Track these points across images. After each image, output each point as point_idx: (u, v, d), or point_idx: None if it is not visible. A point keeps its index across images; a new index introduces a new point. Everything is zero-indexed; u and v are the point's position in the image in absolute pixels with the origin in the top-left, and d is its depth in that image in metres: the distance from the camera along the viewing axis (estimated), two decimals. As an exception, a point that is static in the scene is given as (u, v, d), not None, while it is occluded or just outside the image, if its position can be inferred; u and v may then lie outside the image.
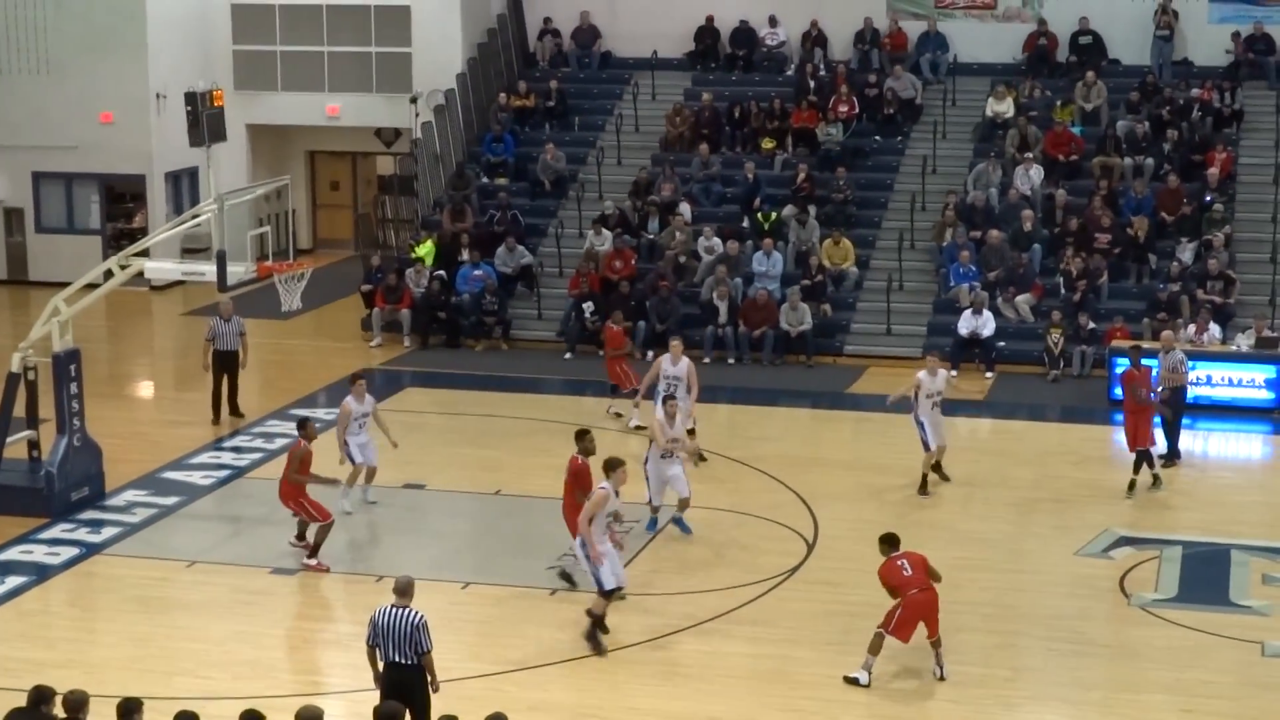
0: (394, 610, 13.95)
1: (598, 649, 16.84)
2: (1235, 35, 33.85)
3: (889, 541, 16.65)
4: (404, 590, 14.14)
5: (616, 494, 17.04)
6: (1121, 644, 17.33)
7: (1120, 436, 22.79)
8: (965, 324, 28.37)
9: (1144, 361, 22.97)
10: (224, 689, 15.86)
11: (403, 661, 13.85)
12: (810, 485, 22.04)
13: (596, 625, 16.97)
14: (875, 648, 16.23)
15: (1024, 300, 29.31)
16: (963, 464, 23.56)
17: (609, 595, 16.99)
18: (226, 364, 25.16)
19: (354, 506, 20.87)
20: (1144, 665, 16.84)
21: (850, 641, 17.18)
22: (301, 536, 19.56)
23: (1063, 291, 29.22)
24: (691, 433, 21.93)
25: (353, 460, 20.92)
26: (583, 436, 18.57)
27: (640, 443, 22.01)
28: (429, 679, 13.93)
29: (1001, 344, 28.54)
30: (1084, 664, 16.86)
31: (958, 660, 16.69)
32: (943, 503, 21.79)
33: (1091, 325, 28.03)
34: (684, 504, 20.16)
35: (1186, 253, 29.72)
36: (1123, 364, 26.35)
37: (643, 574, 19.00)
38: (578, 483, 18.12)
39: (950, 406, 26.45)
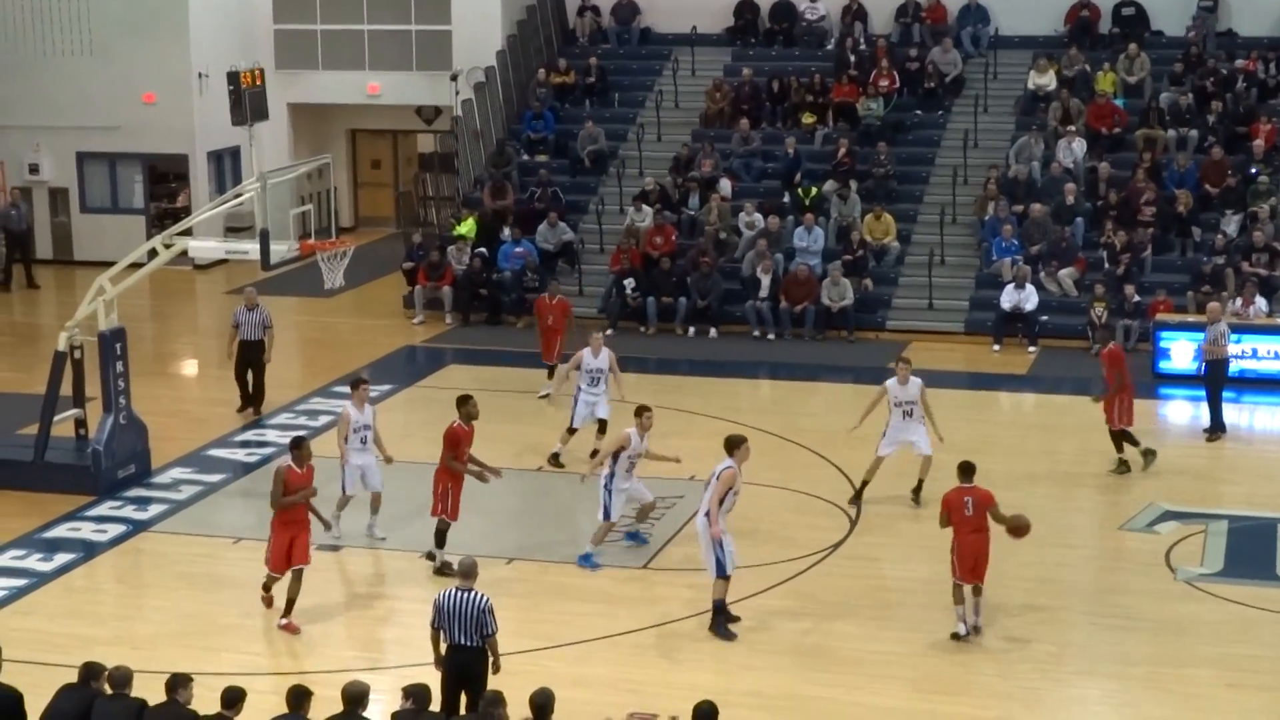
0: (459, 593, 13.90)
1: (728, 635, 16.70)
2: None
3: (966, 470, 16.85)
4: (468, 572, 14.09)
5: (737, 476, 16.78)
6: (1167, 618, 17.26)
7: (1164, 410, 22.69)
8: (1008, 298, 28.28)
9: (1189, 335, 22.89)
10: (270, 664, 15.98)
11: (466, 644, 13.83)
12: (853, 460, 21.98)
13: (721, 613, 16.81)
14: (958, 598, 16.52)
15: (1067, 274, 29.19)
16: (1007, 439, 23.55)
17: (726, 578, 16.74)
18: (250, 354, 24.46)
19: (339, 538, 19.22)
20: (1189, 640, 16.78)
21: (892, 616, 17.21)
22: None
23: (1106, 265, 29.08)
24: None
25: (345, 488, 19.18)
26: (464, 402, 18.45)
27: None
28: (491, 660, 13.93)
29: (1044, 318, 28.44)
30: (1129, 638, 16.83)
31: (1002, 634, 16.70)
32: (987, 478, 21.67)
33: (1135, 299, 27.89)
34: (646, 510, 19.33)
35: (1231, 225, 29.52)
36: (1168, 337, 26.33)
37: (682, 550, 19.01)
38: (452, 448, 18.13)
39: (994, 381, 26.56)
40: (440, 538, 18.42)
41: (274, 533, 17.02)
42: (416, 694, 12.62)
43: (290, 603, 16.92)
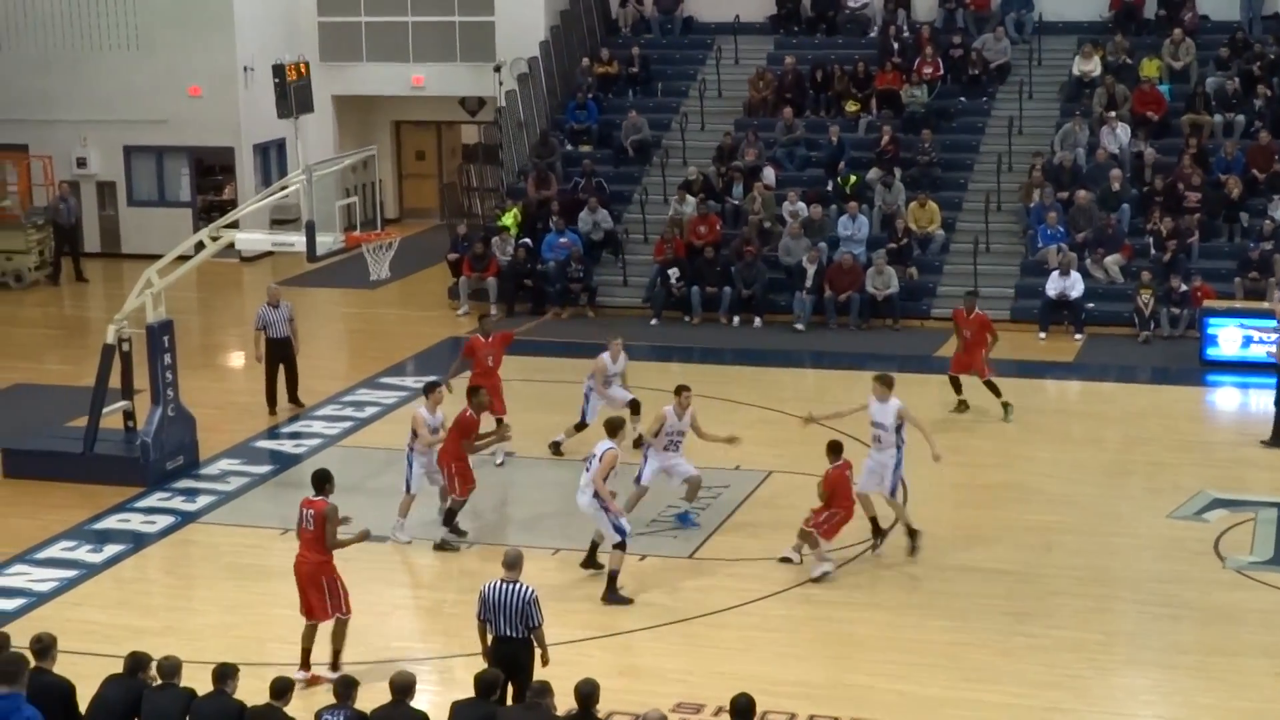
0: (504, 585, 13.91)
1: (625, 601, 17.37)
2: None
3: (834, 450, 17.85)
4: (513, 564, 14.09)
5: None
6: (1216, 607, 17.18)
7: (1212, 397, 22.55)
8: (1053, 285, 28.17)
9: (1236, 321, 22.69)
10: (316, 655, 16.03)
11: (512, 635, 13.86)
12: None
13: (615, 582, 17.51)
14: (813, 543, 17.70)
15: (1113, 261, 29.05)
16: (1053, 426, 23.49)
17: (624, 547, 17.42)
18: (281, 352, 24.34)
19: (410, 536, 19.25)
20: (1239, 629, 16.70)
21: (937, 605, 17.18)
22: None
23: (1152, 252, 28.94)
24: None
25: (410, 488, 19.23)
26: (475, 393, 19.33)
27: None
28: (539, 652, 13.96)
29: (1090, 305, 28.32)
30: (1178, 628, 16.76)
31: (1050, 624, 16.66)
32: (1033, 466, 21.67)
33: (1183, 287, 27.73)
34: (695, 488, 19.49)
35: (1279, 210, 29.33)
36: (1216, 324, 26.18)
37: (729, 540, 19.05)
38: (465, 434, 18.86)
39: (1040, 369, 26.46)
40: (450, 516, 18.99)
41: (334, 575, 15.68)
42: (486, 681, 12.63)
43: (336, 653, 15.83)
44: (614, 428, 17.81)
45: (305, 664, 15.53)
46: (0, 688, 11.63)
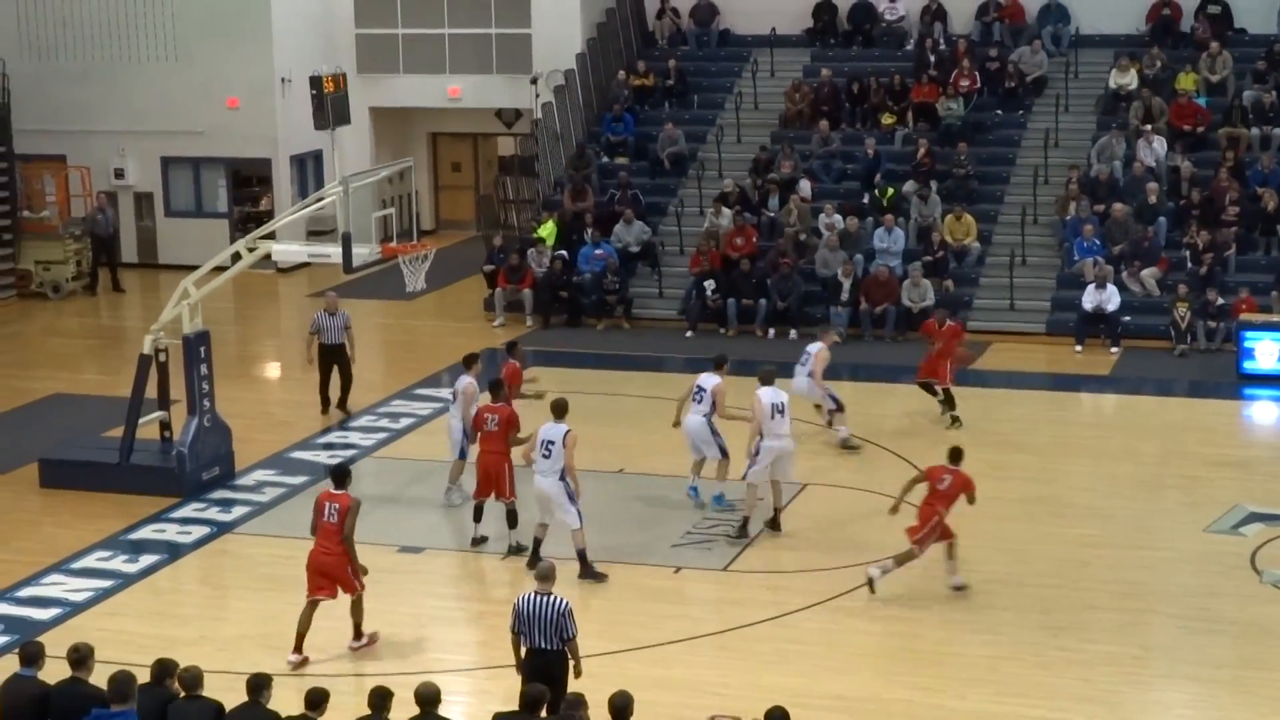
0: (538, 597, 13.89)
1: (600, 577, 18.03)
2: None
3: (954, 455, 17.85)
4: (546, 576, 14.10)
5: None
6: (1253, 621, 17.08)
7: (1250, 410, 22.44)
8: (1090, 299, 28.07)
9: (1274, 335, 22.61)
10: (351, 666, 16.07)
11: (546, 647, 13.85)
12: (934, 462, 21.87)
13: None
14: (903, 560, 17.51)
15: (1149, 274, 28.94)
16: (1089, 440, 23.38)
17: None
18: (334, 357, 24.63)
19: (463, 498, 20.32)
20: (1276, 643, 16.58)
21: (974, 619, 17.12)
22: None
23: (1189, 265, 28.82)
24: None
25: (465, 453, 20.38)
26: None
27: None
28: (572, 664, 13.95)
29: (1127, 319, 28.20)
30: (1215, 642, 16.67)
31: (1087, 638, 16.59)
32: (1069, 480, 21.59)
33: (1219, 300, 27.60)
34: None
35: (1317, 224, 29.21)
36: (1253, 337, 26.05)
37: (764, 553, 19.02)
38: (512, 428, 18.87)
39: (1076, 382, 26.42)
40: (512, 518, 19.02)
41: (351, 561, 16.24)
42: (532, 696, 12.63)
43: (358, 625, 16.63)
44: (561, 410, 18.17)
45: (299, 648, 16.16)
46: (115, 705, 11.92)
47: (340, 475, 16.38)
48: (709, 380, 20.26)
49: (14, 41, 35.43)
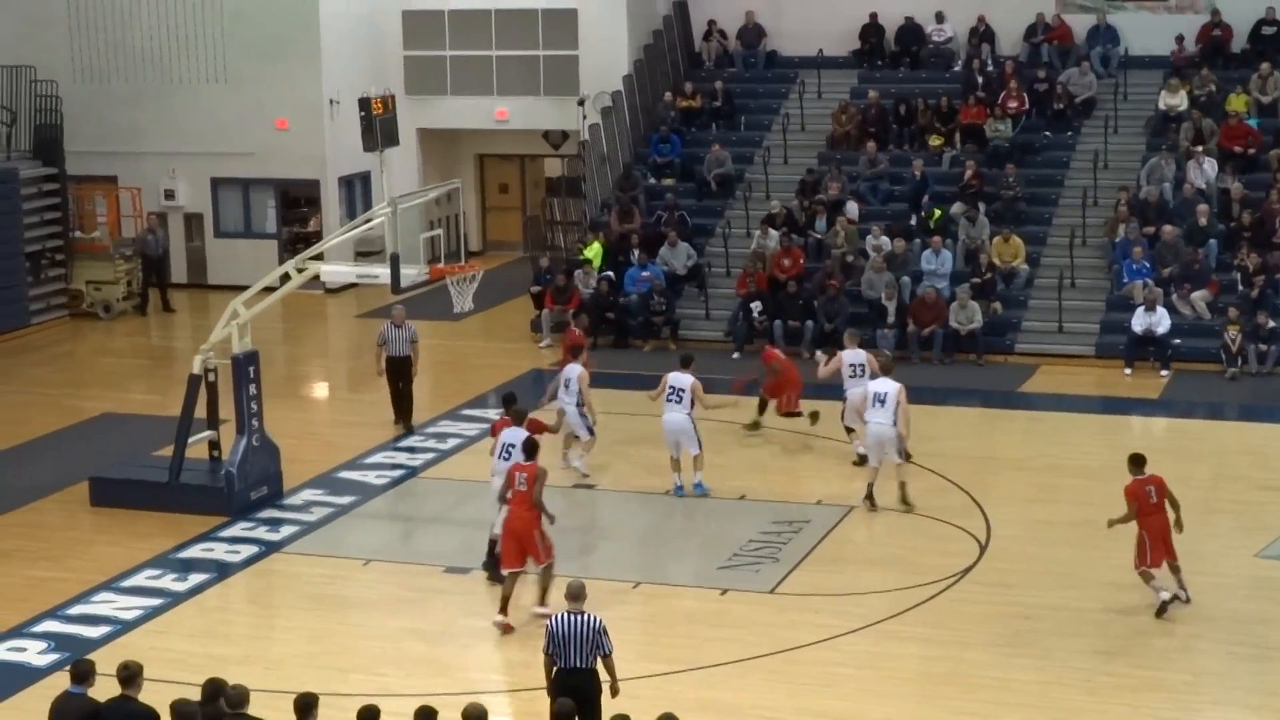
0: (571, 617, 13.89)
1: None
2: None
3: (1137, 462, 17.92)
4: (577, 595, 14.09)
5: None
6: (1305, 648, 16.96)
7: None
8: (1139, 321, 27.91)
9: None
10: (398, 685, 16.09)
11: (580, 666, 13.80)
12: (982, 485, 21.83)
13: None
14: (1148, 579, 17.53)
15: (1200, 297, 28.76)
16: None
17: None
18: (400, 369, 25.06)
19: (587, 470, 22.46)
20: (1328, 670, 16.47)
21: (1022, 644, 17.02)
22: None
23: (1240, 287, 28.63)
24: None
25: (592, 432, 22.40)
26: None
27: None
28: (610, 681, 13.91)
29: (1177, 341, 28.03)
30: (1266, 668, 16.52)
31: (1137, 664, 16.47)
32: (1120, 504, 21.40)
33: (1270, 323, 27.42)
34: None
35: (1369, 247, 28.98)
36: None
37: (812, 575, 18.96)
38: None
39: (1126, 405, 26.27)
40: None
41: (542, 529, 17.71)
42: (563, 712, 12.63)
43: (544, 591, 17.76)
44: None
45: (504, 610, 17.49)
46: None
47: (530, 448, 17.98)
48: (682, 379, 21.75)
49: (67, 65, 35.71)
